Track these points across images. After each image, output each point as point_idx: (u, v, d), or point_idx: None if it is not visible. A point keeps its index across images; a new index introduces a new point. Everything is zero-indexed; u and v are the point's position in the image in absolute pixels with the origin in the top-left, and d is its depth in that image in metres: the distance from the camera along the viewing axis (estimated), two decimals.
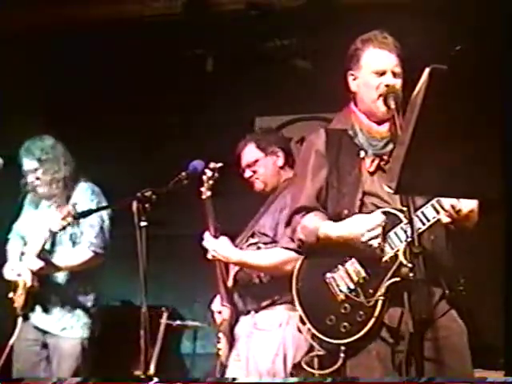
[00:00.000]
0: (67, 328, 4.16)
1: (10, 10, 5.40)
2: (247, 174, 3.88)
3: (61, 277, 4.20)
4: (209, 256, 3.68)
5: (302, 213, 2.95)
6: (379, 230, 2.71)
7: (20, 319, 4.13)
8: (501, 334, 4.50)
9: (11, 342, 4.08)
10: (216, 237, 3.69)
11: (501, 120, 1.77)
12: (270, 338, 3.57)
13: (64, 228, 3.93)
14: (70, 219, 3.86)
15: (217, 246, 3.65)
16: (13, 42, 5.52)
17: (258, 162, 3.84)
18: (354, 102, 2.97)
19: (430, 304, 2.74)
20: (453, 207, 2.62)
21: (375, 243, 2.72)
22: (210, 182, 3.73)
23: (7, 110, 5.49)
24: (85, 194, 4.21)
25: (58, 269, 4.15)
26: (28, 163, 4.21)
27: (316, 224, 2.88)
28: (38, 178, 4.22)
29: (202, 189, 3.75)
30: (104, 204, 4.26)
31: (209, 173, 3.73)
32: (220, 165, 3.71)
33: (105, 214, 4.21)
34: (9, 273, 4.19)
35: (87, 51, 5.61)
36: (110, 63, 5.70)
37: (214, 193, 3.71)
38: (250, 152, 3.87)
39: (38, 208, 4.33)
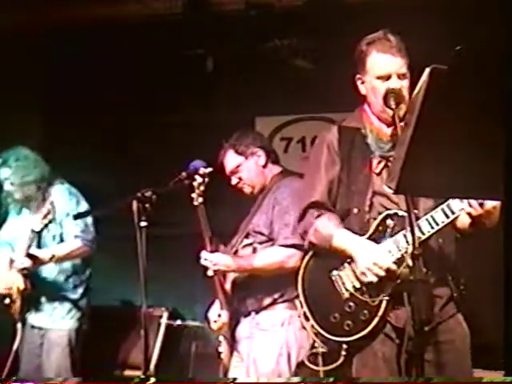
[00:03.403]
0: (57, 320, 4.29)
1: (10, 9, 5.39)
2: (233, 181, 3.87)
3: (49, 274, 4.34)
4: (210, 272, 3.64)
5: (314, 212, 2.96)
6: (383, 273, 2.72)
7: (19, 324, 4.23)
8: (501, 335, 4.50)
9: (15, 347, 4.18)
10: (213, 251, 3.64)
11: (501, 120, 1.77)
12: (273, 338, 3.56)
13: (46, 226, 4.11)
14: (50, 217, 4.06)
15: (216, 259, 3.61)
16: (13, 42, 5.52)
17: (241, 167, 3.83)
18: (367, 103, 2.97)
19: (436, 306, 2.75)
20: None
21: (370, 278, 2.74)
22: (201, 188, 3.63)
23: (7, 110, 5.49)
24: (63, 195, 4.36)
25: (48, 260, 4.24)
26: (3, 172, 4.41)
27: (330, 231, 2.88)
28: (12, 184, 4.38)
29: (193, 195, 3.66)
30: (83, 201, 4.40)
31: (199, 179, 3.62)
32: (210, 170, 3.63)
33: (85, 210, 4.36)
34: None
35: (87, 51, 5.61)
36: (110, 63, 5.70)
37: (205, 199, 3.67)
38: (230, 159, 3.85)
39: (19, 215, 4.46)
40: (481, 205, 2.63)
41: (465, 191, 2.01)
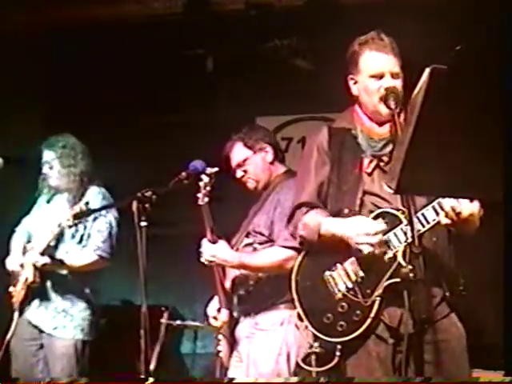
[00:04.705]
0: (59, 327, 4.16)
1: (10, 9, 5.40)
2: (238, 174, 3.85)
3: (61, 273, 4.21)
4: (206, 262, 3.63)
5: (303, 209, 2.97)
6: (376, 239, 2.72)
7: (16, 314, 4.16)
8: (501, 334, 4.50)
9: (8, 337, 4.11)
10: (213, 242, 3.63)
11: (502, 120, 1.77)
12: (272, 338, 3.56)
13: (76, 225, 3.99)
14: (81, 218, 3.93)
15: (215, 251, 3.60)
16: (13, 42, 5.52)
17: (248, 161, 3.81)
18: (358, 104, 2.97)
19: (430, 305, 2.74)
20: (453, 209, 2.61)
21: (366, 249, 2.73)
22: (207, 188, 3.63)
23: (7, 110, 5.49)
24: (96, 198, 4.25)
25: (62, 266, 4.16)
26: (47, 154, 4.32)
27: (318, 221, 2.89)
28: (51, 168, 4.29)
29: (199, 195, 3.65)
30: (114, 210, 4.28)
31: (206, 179, 3.62)
32: (216, 169, 3.63)
33: (113, 219, 4.26)
34: (11, 263, 4.20)
35: (87, 51, 5.61)
36: (110, 63, 5.70)
37: (211, 199, 3.67)
38: (238, 151, 3.84)
39: (49, 203, 4.35)
40: (458, 214, 2.62)
41: (464, 191, 2.01)
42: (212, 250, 3.61)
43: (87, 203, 3.97)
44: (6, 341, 4.10)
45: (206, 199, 3.64)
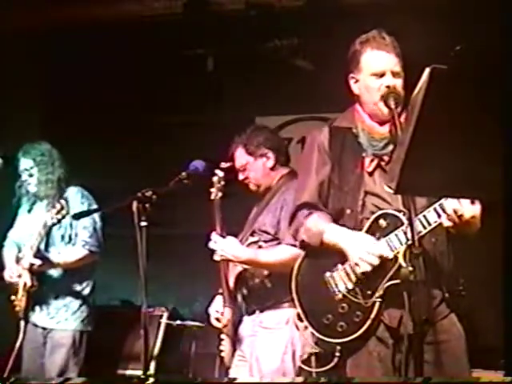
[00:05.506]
0: (61, 321, 4.28)
1: (9, 9, 5.40)
2: (240, 176, 3.88)
3: (56, 273, 4.34)
4: (216, 257, 3.63)
5: (304, 212, 2.96)
6: (376, 260, 2.72)
7: (22, 323, 4.25)
8: (501, 335, 4.50)
9: (17, 345, 4.19)
10: (223, 236, 3.64)
11: (502, 120, 1.77)
12: (278, 337, 3.55)
13: (59, 221, 4.07)
14: (64, 212, 4.02)
15: (225, 246, 3.60)
16: (13, 42, 5.52)
17: (248, 166, 3.83)
18: (359, 103, 2.97)
19: (430, 306, 2.74)
20: (455, 212, 2.61)
21: (364, 267, 2.73)
22: (222, 182, 3.68)
23: (6, 110, 5.49)
24: (75, 197, 4.36)
25: (55, 266, 4.28)
26: (24, 162, 4.39)
27: (320, 228, 2.88)
28: (31, 175, 4.37)
29: (212, 190, 3.70)
30: (94, 205, 4.39)
31: (220, 173, 3.68)
32: (229, 164, 3.68)
33: (96, 215, 4.36)
34: (9, 275, 4.26)
35: (87, 51, 5.61)
36: (110, 63, 5.71)
37: (224, 193, 3.69)
38: (239, 156, 3.86)
39: (30, 212, 4.42)
40: (460, 216, 2.62)
41: (464, 191, 2.01)
42: (222, 245, 3.60)
43: (66, 198, 4.16)
44: (15, 349, 4.18)
45: (220, 194, 3.66)
